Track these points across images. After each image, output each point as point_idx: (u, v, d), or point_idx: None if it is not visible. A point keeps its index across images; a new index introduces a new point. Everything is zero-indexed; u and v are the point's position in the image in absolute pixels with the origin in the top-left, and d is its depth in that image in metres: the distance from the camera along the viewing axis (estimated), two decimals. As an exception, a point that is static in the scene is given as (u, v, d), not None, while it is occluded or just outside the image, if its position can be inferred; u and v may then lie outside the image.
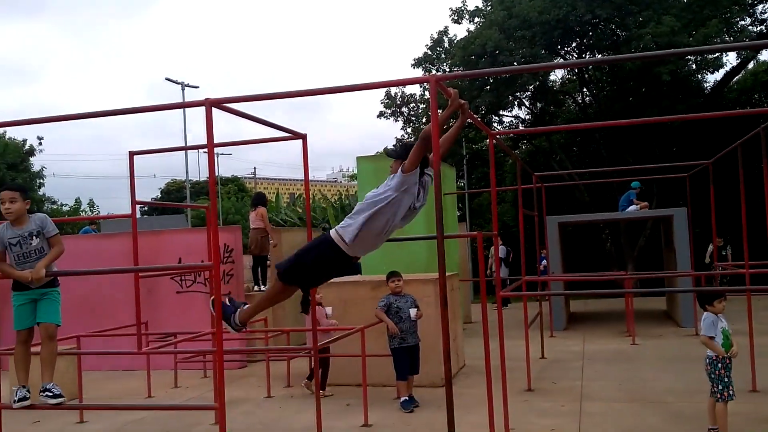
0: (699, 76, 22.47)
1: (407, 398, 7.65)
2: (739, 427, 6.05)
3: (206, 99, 4.22)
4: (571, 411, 7.17)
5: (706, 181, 9.63)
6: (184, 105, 4.85)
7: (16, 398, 4.85)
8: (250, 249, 12.27)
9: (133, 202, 6.28)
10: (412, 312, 7.80)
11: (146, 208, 43.00)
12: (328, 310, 8.52)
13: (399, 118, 27.47)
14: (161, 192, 54.83)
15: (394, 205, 4.38)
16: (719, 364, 5.79)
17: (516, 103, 24.54)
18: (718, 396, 5.81)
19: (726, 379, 5.77)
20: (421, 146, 4.31)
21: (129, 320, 8.68)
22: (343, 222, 4.47)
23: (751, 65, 24.60)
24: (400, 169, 4.34)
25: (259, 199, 12.77)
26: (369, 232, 4.39)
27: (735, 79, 24.23)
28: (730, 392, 5.76)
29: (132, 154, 6.20)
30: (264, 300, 4.75)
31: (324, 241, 4.48)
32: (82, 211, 42.90)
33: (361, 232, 4.36)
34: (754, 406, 6.88)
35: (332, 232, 4.46)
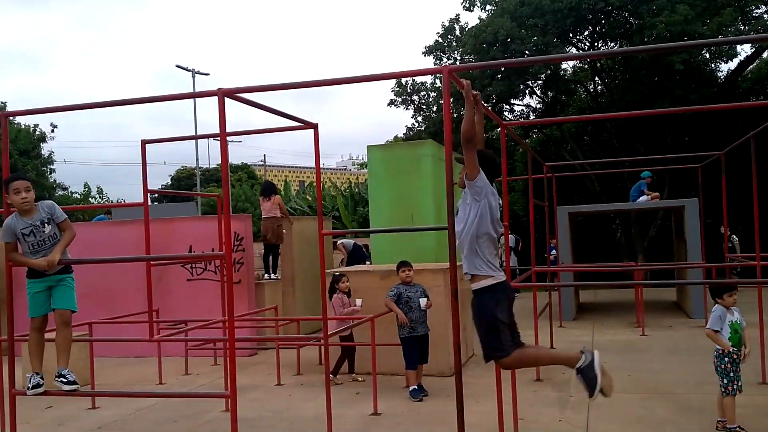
0: (712, 65, 22.27)
1: (416, 387, 7.69)
2: (748, 419, 6.04)
3: (219, 89, 4.22)
4: (580, 401, 7.18)
5: (718, 172, 9.56)
6: (196, 95, 4.85)
7: (30, 385, 4.91)
8: (266, 237, 12.26)
9: (146, 191, 6.31)
10: (422, 302, 7.82)
11: (156, 196, 43.19)
12: (358, 302, 8.45)
13: (410, 107, 27.39)
14: (171, 179, 55.03)
15: (484, 213, 4.41)
16: (726, 358, 5.79)
17: (527, 91, 24.42)
18: (723, 390, 5.82)
19: (732, 374, 5.76)
20: (469, 149, 4.31)
21: (139, 307, 8.76)
22: (466, 268, 4.47)
23: (765, 54, 24.34)
24: (465, 180, 4.37)
25: (271, 188, 12.79)
26: (487, 251, 4.46)
27: (749, 68, 23.98)
28: (735, 386, 5.75)
29: (144, 143, 6.23)
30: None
31: (481, 299, 4.43)
32: (92, 198, 43.14)
33: (486, 258, 4.42)
34: (765, 398, 6.87)
35: (474, 286, 4.43)
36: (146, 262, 6.25)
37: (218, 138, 4.25)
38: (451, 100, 25.60)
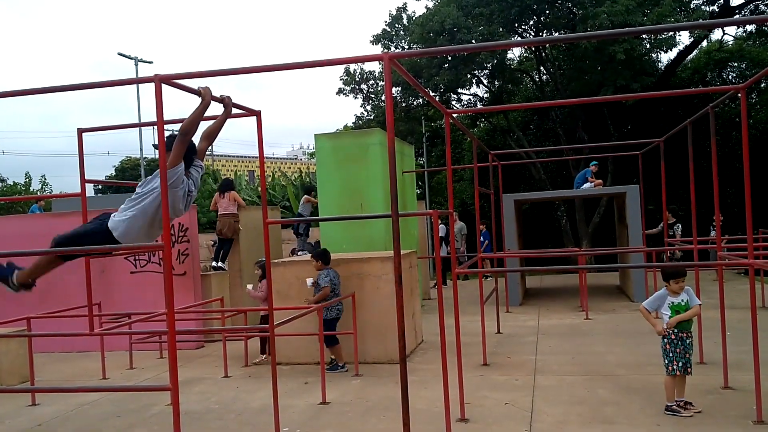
0: (653, 56, 22.83)
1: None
2: (686, 398, 6.23)
3: (155, 75, 4.12)
4: (525, 384, 7.31)
5: (658, 159, 9.82)
6: (132, 81, 4.73)
7: None
8: (221, 232, 12.14)
9: (83, 181, 6.14)
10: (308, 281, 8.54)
11: (100, 187, 42.13)
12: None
13: (358, 96, 27.37)
14: (115, 170, 53.77)
15: (157, 200, 4.56)
16: (665, 339, 5.99)
17: (474, 81, 24.62)
18: (665, 369, 6.01)
19: (671, 354, 5.94)
20: (180, 141, 4.52)
21: (81, 301, 8.51)
22: (116, 217, 4.73)
23: (704, 44, 25.05)
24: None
25: (229, 185, 12.80)
26: (139, 225, 4.69)
27: (688, 58, 24.66)
28: (675, 366, 5.93)
29: (81, 131, 6.05)
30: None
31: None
32: (37, 191, 41.68)
33: (132, 224, 4.65)
34: (702, 378, 7.08)
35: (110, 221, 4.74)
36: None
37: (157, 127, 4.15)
38: (399, 88, 25.37)
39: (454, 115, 7.25)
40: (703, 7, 21.84)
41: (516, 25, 21.97)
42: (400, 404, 4.31)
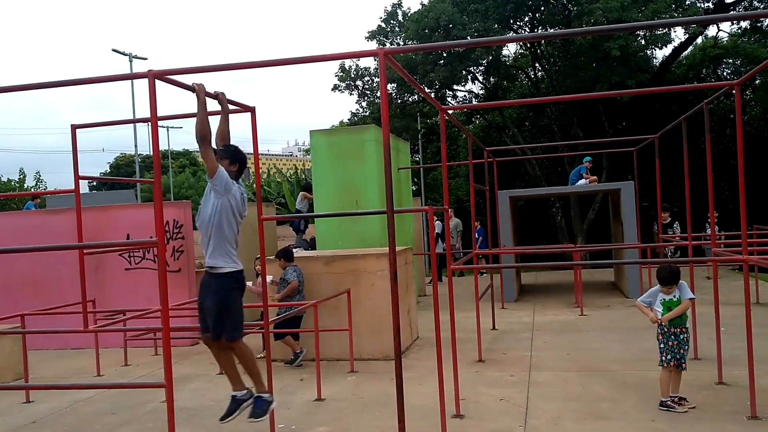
0: (648, 52, 22.86)
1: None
2: (680, 393, 6.25)
3: (149, 71, 4.10)
4: (520, 380, 7.32)
5: (652, 155, 9.83)
6: (126, 77, 4.71)
7: None
8: None
9: (77, 177, 6.10)
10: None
11: (95, 184, 42.02)
12: (269, 278, 8.72)
13: (353, 92, 27.32)
14: (110, 166, 53.77)
15: (224, 209, 4.69)
16: (657, 330, 6.04)
17: (469, 77, 24.61)
18: (659, 362, 6.05)
19: (662, 345, 6.01)
20: (203, 147, 4.55)
21: (76, 298, 8.50)
22: (210, 261, 4.76)
23: (699, 40, 25.09)
24: (208, 177, 4.64)
25: None
26: (227, 243, 4.76)
27: (683, 54, 24.69)
28: (663, 358, 5.98)
29: (74, 127, 6.02)
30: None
31: (223, 282, 4.81)
32: (31, 187, 41.53)
33: (227, 249, 4.73)
34: (696, 373, 7.10)
35: (218, 271, 4.77)
36: (79, 251, 6.05)
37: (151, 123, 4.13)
38: (394, 85, 25.33)
39: (450, 112, 7.24)
40: (698, 3, 21.88)
41: (511, 21, 21.97)
42: (395, 400, 4.31)
